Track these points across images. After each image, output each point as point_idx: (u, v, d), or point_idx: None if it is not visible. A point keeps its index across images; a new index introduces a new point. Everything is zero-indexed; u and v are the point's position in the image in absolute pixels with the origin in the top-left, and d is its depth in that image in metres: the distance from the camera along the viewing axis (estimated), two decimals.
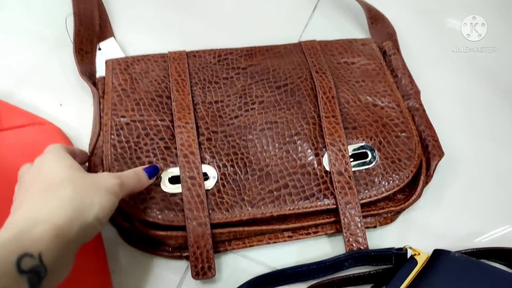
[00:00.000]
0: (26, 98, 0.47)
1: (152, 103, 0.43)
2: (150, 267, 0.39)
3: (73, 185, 0.29)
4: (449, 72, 0.54)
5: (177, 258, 0.39)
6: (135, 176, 0.35)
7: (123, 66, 0.46)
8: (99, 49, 0.50)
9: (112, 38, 0.51)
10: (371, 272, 0.39)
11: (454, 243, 0.42)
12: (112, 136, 0.40)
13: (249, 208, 0.39)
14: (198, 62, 0.47)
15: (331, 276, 0.39)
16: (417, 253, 0.37)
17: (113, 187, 0.31)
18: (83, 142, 0.44)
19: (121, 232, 0.40)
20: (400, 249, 0.38)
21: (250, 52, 0.49)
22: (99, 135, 0.42)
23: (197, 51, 0.48)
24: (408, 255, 0.38)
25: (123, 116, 0.42)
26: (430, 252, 0.38)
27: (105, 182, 0.31)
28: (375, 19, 0.55)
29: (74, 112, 0.46)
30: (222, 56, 0.48)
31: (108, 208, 0.30)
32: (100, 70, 0.48)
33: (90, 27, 0.50)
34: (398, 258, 0.38)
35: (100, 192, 0.30)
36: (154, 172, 0.37)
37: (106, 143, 0.40)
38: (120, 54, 0.50)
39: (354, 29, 0.57)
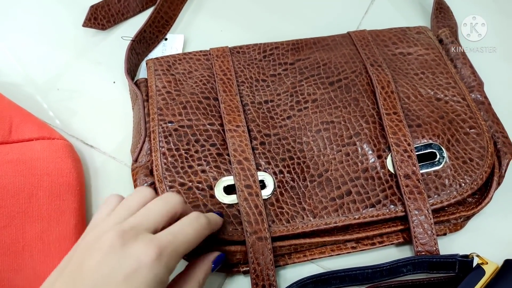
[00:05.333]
0: (80, 70, 0.48)
1: (199, 106, 0.40)
2: None
3: None
4: None
5: (235, 273, 0.36)
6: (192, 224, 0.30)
7: (165, 66, 0.43)
8: (165, 39, 0.50)
9: (182, 36, 0.50)
10: (431, 279, 0.35)
11: None
12: (161, 144, 0.38)
13: (311, 219, 0.36)
14: (243, 59, 0.44)
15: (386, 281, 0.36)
16: (484, 262, 0.34)
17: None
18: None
19: None
20: (466, 256, 0.35)
21: (297, 46, 0.45)
22: (144, 142, 0.39)
23: (240, 47, 0.45)
24: (474, 264, 0.34)
25: (171, 122, 0.39)
26: (498, 261, 0.34)
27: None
28: (442, 6, 0.51)
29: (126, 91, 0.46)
30: (268, 51, 0.44)
31: None
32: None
33: (159, 34, 0.50)
34: (462, 266, 0.35)
35: None
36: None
37: (156, 152, 0.37)
38: (178, 51, 0.48)
39: (419, 17, 0.52)
